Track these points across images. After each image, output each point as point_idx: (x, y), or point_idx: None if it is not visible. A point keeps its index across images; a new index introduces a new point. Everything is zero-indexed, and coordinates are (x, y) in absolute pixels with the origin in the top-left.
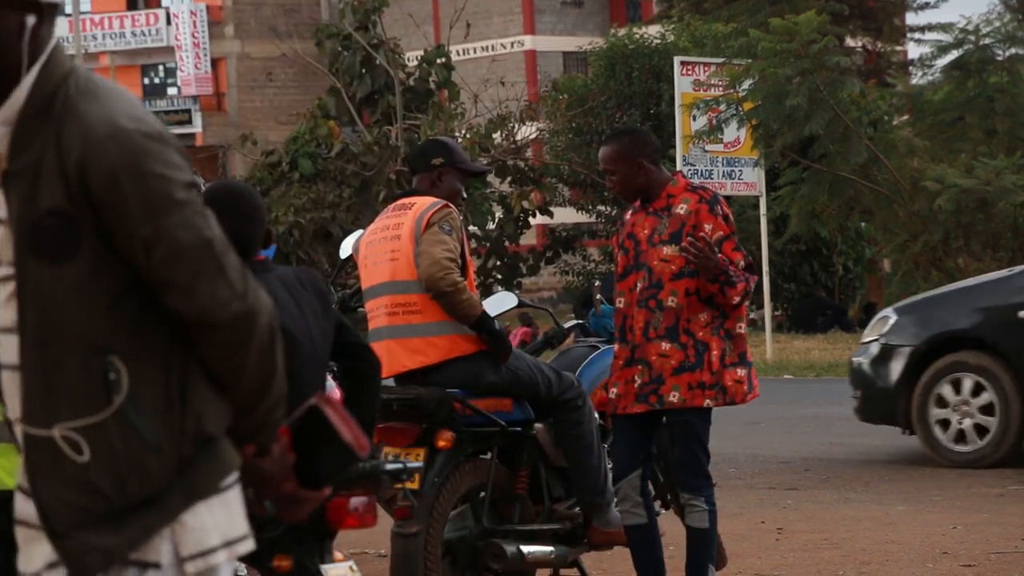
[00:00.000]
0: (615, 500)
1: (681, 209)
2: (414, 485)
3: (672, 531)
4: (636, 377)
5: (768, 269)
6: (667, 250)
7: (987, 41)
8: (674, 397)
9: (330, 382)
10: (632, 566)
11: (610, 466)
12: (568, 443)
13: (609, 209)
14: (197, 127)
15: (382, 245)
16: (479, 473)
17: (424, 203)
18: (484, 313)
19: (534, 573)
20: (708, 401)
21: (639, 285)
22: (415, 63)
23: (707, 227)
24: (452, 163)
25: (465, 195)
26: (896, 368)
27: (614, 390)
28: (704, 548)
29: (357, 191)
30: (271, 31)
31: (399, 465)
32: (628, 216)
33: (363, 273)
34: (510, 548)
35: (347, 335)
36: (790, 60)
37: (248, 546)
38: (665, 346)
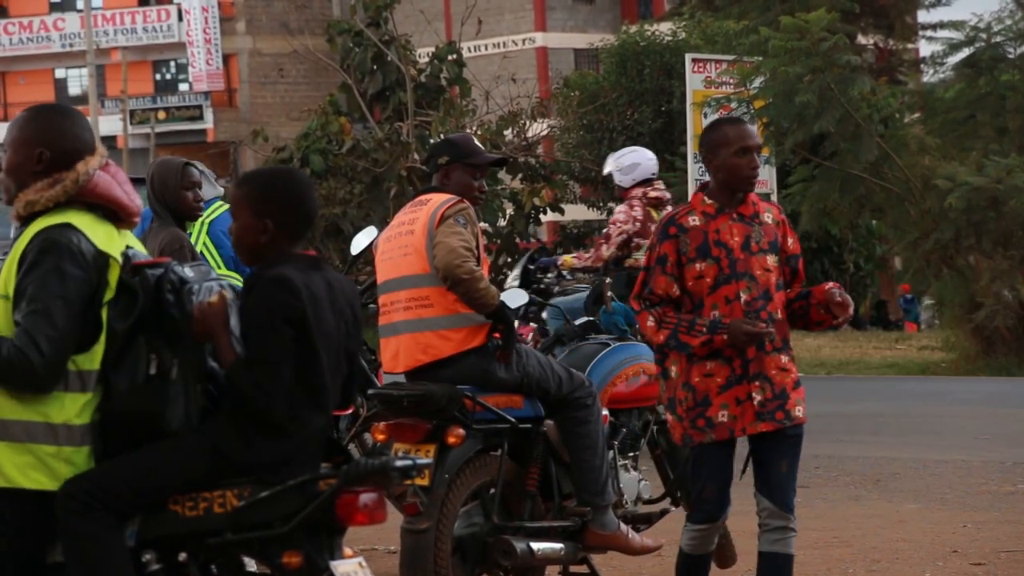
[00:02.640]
0: (692, 516)
1: (768, 218)
2: (424, 481)
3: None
4: (754, 394)
5: None
6: (770, 260)
7: (998, 39)
8: (799, 411)
9: None
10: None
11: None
12: (573, 441)
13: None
14: (208, 123)
15: (397, 240)
16: (489, 470)
17: (439, 199)
18: (502, 303)
19: (544, 570)
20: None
21: (743, 296)
22: (426, 59)
23: (790, 241)
24: (457, 159)
25: (483, 190)
26: None
27: (723, 412)
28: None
29: (368, 187)
30: (282, 27)
31: (409, 461)
32: (696, 222)
33: (379, 268)
34: (520, 545)
35: (357, 369)
36: (801, 58)
37: None
38: (784, 359)
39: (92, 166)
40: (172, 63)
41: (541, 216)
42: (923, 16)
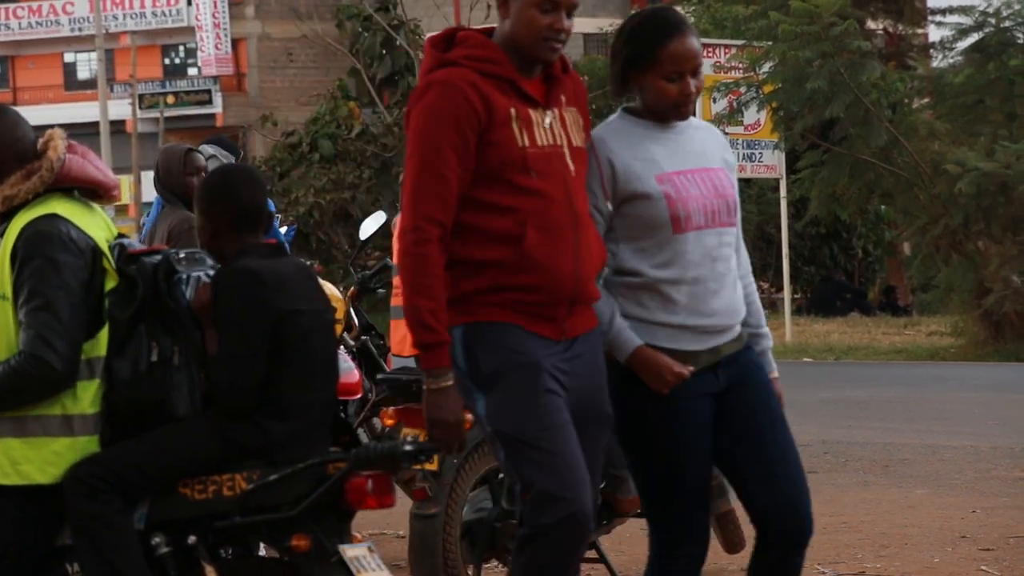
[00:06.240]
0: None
1: None
2: (433, 466)
3: None
4: None
5: (788, 252)
6: None
7: (1007, 24)
8: None
9: (350, 363)
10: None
11: None
12: None
13: None
14: (217, 107)
15: None
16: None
17: None
18: None
19: None
20: None
21: None
22: None
23: None
24: None
25: None
26: None
27: None
28: None
29: (377, 172)
30: (292, 12)
31: (418, 446)
32: None
33: (395, 248)
34: None
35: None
36: (811, 43)
37: None
38: None
39: (61, 150)
40: (181, 47)
41: None
42: (932, 1)
